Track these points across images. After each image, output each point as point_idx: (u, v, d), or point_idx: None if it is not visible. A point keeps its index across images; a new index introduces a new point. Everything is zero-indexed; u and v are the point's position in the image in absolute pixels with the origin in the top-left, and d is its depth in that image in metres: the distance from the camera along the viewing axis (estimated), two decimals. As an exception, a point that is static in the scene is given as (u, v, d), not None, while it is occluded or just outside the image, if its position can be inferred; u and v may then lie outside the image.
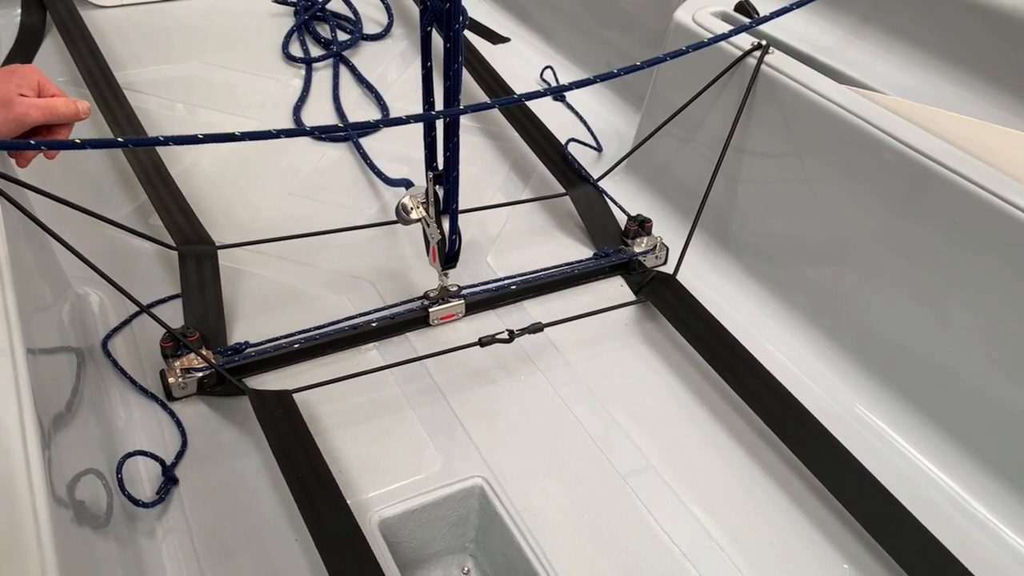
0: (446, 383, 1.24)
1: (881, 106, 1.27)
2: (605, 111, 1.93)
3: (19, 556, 0.66)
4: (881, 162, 1.24)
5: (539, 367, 1.29)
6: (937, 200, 1.18)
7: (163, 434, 1.14)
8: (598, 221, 1.55)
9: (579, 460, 1.16)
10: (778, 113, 1.38)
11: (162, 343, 1.18)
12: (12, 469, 0.71)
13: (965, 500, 1.15)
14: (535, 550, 1.03)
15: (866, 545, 1.07)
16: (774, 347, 1.35)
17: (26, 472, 0.71)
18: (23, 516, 0.68)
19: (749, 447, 1.20)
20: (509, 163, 1.75)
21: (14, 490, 0.70)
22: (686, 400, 1.26)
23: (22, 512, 0.68)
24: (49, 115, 0.99)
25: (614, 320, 1.38)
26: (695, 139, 1.54)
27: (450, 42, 1.09)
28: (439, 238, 1.26)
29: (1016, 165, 1.12)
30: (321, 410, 1.18)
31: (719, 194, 1.47)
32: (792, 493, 1.14)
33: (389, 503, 1.07)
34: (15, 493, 0.70)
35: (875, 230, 1.28)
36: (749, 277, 1.47)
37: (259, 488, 1.09)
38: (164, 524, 1.03)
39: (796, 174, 1.38)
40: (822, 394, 1.27)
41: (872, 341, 1.29)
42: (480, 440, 1.16)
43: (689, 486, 1.14)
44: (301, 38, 2.07)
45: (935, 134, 1.20)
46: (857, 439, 1.18)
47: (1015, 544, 1.10)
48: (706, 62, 1.47)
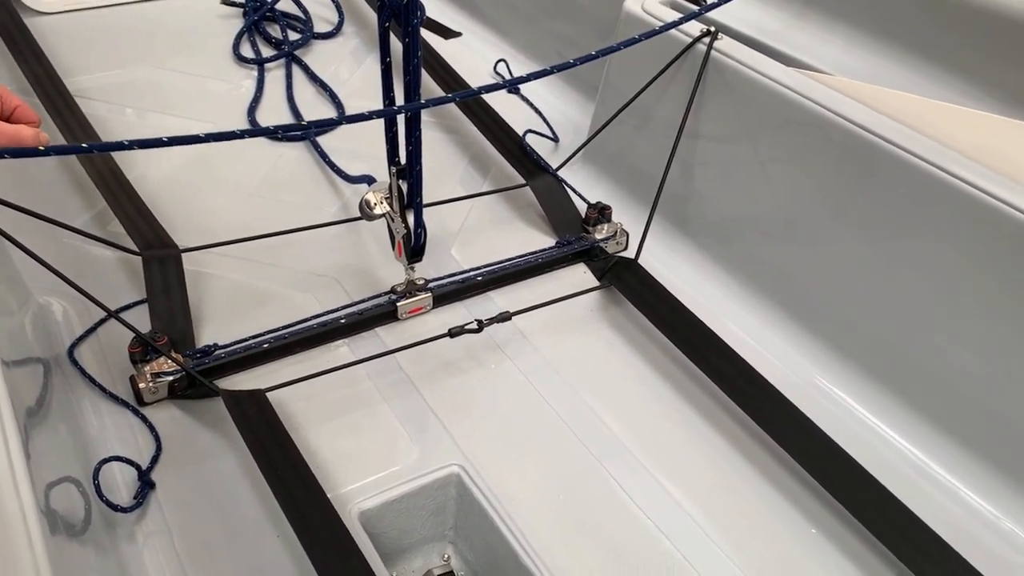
0: (418, 375, 1.26)
1: (827, 87, 1.31)
2: (560, 102, 1.95)
3: (14, 566, 0.66)
4: (829, 141, 1.28)
5: (508, 355, 1.31)
6: (884, 175, 1.23)
7: (136, 440, 1.13)
8: (559, 210, 1.58)
9: (552, 443, 1.19)
10: (729, 97, 1.42)
11: (130, 348, 1.18)
12: None
13: (922, 461, 1.20)
14: (514, 532, 1.06)
15: (831, 509, 1.12)
16: (735, 324, 1.39)
17: (12, 483, 0.71)
18: (15, 527, 0.68)
19: (715, 421, 1.23)
20: (468, 157, 1.76)
21: (3, 501, 0.70)
22: (652, 380, 1.29)
23: (14, 523, 0.68)
24: (12, 143, 0.96)
25: (579, 306, 1.41)
26: (650, 126, 1.58)
27: (409, 37, 1.10)
28: (404, 232, 1.27)
29: (955, 138, 1.17)
30: (295, 408, 1.18)
31: (676, 179, 1.50)
32: (758, 463, 1.18)
33: (368, 495, 1.09)
34: (4, 504, 0.70)
35: (827, 207, 1.32)
36: (708, 259, 1.51)
37: (236, 488, 1.09)
38: (144, 528, 1.03)
39: (749, 156, 1.42)
40: (782, 367, 1.32)
41: (828, 315, 1.34)
42: (454, 429, 1.18)
43: (659, 461, 1.17)
44: (252, 39, 2.06)
45: (879, 111, 1.25)
46: (818, 408, 1.22)
47: (968, 498, 1.16)
48: (657, 50, 1.50)
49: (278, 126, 0.96)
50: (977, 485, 1.15)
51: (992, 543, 1.11)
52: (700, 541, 1.08)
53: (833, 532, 1.10)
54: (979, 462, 1.16)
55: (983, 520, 1.13)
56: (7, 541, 0.69)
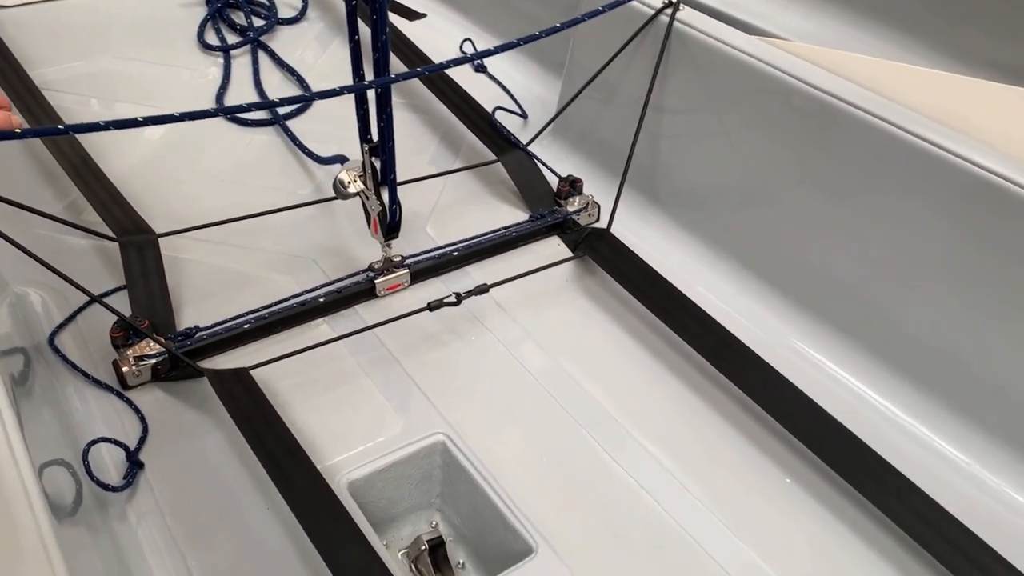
0: (399, 349, 1.28)
1: (788, 53, 1.34)
2: (527, 80, 1.97)
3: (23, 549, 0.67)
4: (791, 105, 1.32)
5: (487, 327, 1.33)
6: (844, 136, 1.26)
7: (123, 423, 1.14)
8: (531, 184, 1.60)
9: (533, 408, 1.21)
10: (692, 67, 1.45)
11: (112, 333, 1.18)
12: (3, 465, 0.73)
13: (887, 408, 1.25)
14: (500, 494, 1.08)
15: (804, 459, 1.16)
16: (705, 289, 1.42)
17: (14, 466, 0.73)
18: (21, 511, 0.69)
19: (690, 382, 1.27)
20: (439, 136, 1.78)
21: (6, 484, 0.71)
22: (628, 345, 1.33)
23: (19, 507, 0.70)
24: None
25: (554, 277, 1.44)
26: (616, 99, 1.60)
27: (376, 15, 1.12)
28: (379, 209, 1.28)
29: (908, 96, 1.21)
30: (279, 386, 1.20)
31: (644, 150, 1.53)
32: (733, 419, 1.22)
33: (355, 466, 1.11)
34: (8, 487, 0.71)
35: (791, 171, 1.36)
36: (678, 227, 1.54)
37: (224, 465, 1.10)
38: (135, 507, 1.04)
39: (714, 124, 1.45)
40: (752, 327, 1.35)
41: (796, 275, 1.38)
42: (437, 399, 1.21)
43: (637, 422, 1.20)
44: (216, 26, 2.05)
45: (839, 75, 1.28)
46: (788, 364, 1.26)
47: (932, 441, 1.21)
48: (620, 24, 1.53)
49: (251, 104, 0.98)
50: (939, 427, 1.21)
51: (954, 481, 1.16)
52: (680, 495, 1.11)
53: (806, 480, 1.14)
54: (941, 407, 1.22)
55: (947, 461, 1.19)
56: (14, 524, 0.70)
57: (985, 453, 1.17)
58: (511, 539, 1.06)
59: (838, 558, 1.07)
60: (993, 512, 1.12)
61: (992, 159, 1.12)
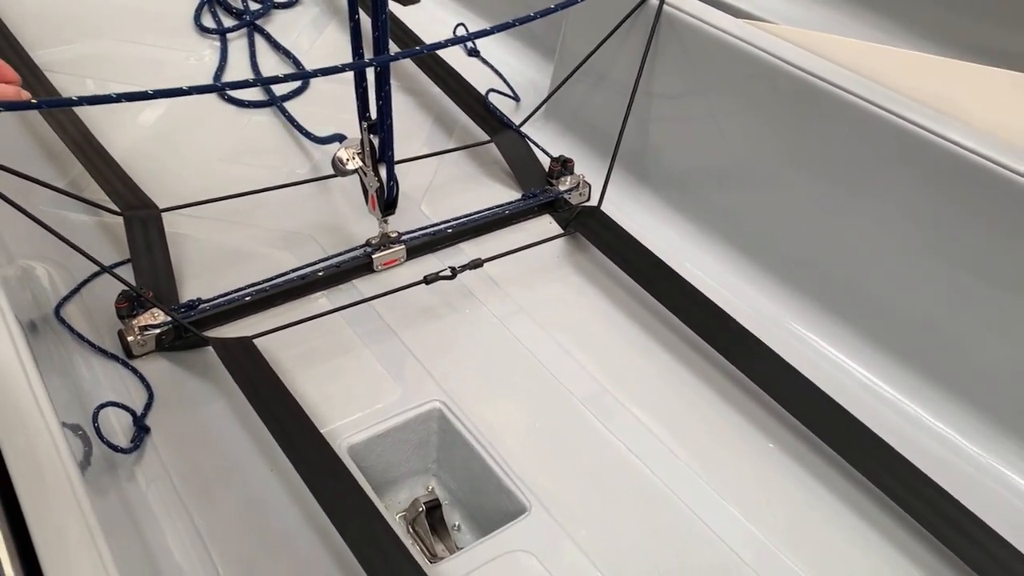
0: (396, 321, 1.32)
1: (775, 35, 1.38)
2: (520, 64, 2.00)
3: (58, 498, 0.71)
4: (777, 87, 1.36)
5: (481, 301, 1.38)
6: (831, 118, 1.31)
7: (129, 390, 1.18)
8: (523, 164, 1.64)
9: (527, 377, 1.26)
10: (681, 50, 1.49)
11: (117, 304, 1.22)
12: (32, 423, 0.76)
13: (872, 380, 1.30)
14: (495, 458, 1.13)
15: (786, 425, 1.21)
16: (693, 266, 1.46)
17: (45, 426, 0.76)
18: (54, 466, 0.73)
19: (677, 352, 1.32)
20: (432, 117, 1.81)
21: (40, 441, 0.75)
22: (617, 317, 1.37)
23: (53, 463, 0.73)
24: None
25: (547, 254, 1.48)
26: (607, 82, 1.64)
27: (376, -5, 1.15)
28: (377, 185, 1.32)
29: (892, 77, 1.26)
30: (280, 355, 1.24)
31: (634, 132, 1.57)
32: (718, 387, 1.26)
33: (354, 431, 1.15)
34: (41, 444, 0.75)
35: (777, 151, 1.40)
36: (667, 206, 1.59)
37: (227, 429, 1.14)
38: (142, 469, 1.08)
39: (702, 106, 1.49)
40: (739, 302, 1.40)
41: (781, 252, 1.43)
42: (433, 369, 1.25)
43: (626, 390, 1.25)
44: (212, 9, 2.07)
45: (824, 57, 1.33)
46: (773, 338, 1.30)
47: (916, 413, 1.26)
48: (611, 8, 1.56)
49: (256, 79, 1.01)
50: (917, 396, 1.26)
51: (928, 444, 1.21)
52: (666, 458, 1.16)
53: (787, 444, 1.19)
54: (918, 377, 1.27)
55: (922, 426, 1.24)
56: (48, 478, 0.73)
57: (959, 420, 1.22)
58: (506, 500, 1.11)
59: (816, 516, 1.12)
60: (964, 473, 1.17)
61: (973, 139, 1.16)
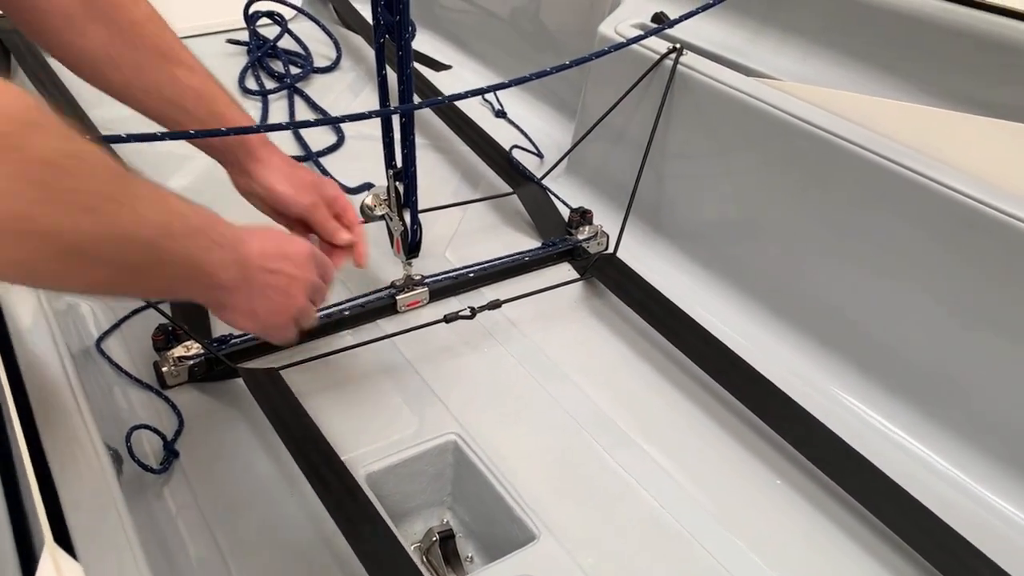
0: (416, 358, 1.37)
1: (783, 92, 1.45)
2: (544, 124, 2.10)
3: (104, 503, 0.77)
4: (787, 141, 1.42)
5: (500, 341, 1.43)
6: (839, 170, 1.36)
7: (161, 418, 1.24)
8: (544, 215, 1.71)
9: (541, 413, 1.30)
10: (695, 107, 1.56)
11: (153, 337, 1.29)
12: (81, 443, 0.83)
13: (880, 421, 1.32)
14: (506, 487, 1.16)
15: (795, 462, 1.23)
16: (706, 311, 1.50)
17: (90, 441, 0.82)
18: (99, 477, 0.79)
19: (688, 392, 1.35)
20: (460, 173, 1.90)
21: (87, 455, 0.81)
22: (631, 357, 1.41)
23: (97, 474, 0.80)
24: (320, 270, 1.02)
25: (564, 298, 1.53)
26: (625, 138, 1.72)
27: (402, 50, 1.24)
28: (402, 229, 1.39)
29: (896, 129, 1.31)
30: (304, 387, 1.29)
31: (650, 185, 1.64)
32: (728, 426, 1.29)
33: (373, 460, 1.19)
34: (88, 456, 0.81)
35: (789, 203, 1.45)
36: (683, 257, 1.64)
37: (252, 456, 1.19)
38: (170, 490, 1.13)
39: (716, 159, 1.56)
40: (751, 347, 1.43)
41: (795, 301, 1.46)
42: (451, 403, 1.29)
43: (637, 426, 1.28)
44: (256, 74, 2.21)
45: (832, 112, 1.38)
46: (782, 380, 1.32)
47: (919, 451, 1.28)
48: (629, 69, 1.65)
49: (288, 123, 1.10)
50: (921, 435, 1.28)
51: (931, 481, 1.23)
52: (675, 492, 1.18)
53: (796, 481, 1.21)
54: (924, 417, 1.29)
55: (925, 464, 1.26)
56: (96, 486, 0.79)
57: (962, 458, 1.23)
58: (516, 529, 1.13)
59: (822, 549, 1.13)
60: (975, 514, 1.18)
61: (972, 187, 1.20)
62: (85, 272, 0.66)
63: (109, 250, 0.66)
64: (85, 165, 0.62)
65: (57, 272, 0.64)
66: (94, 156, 0.64)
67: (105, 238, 0.65)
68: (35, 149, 0.57)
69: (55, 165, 0.59)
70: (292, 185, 1.08)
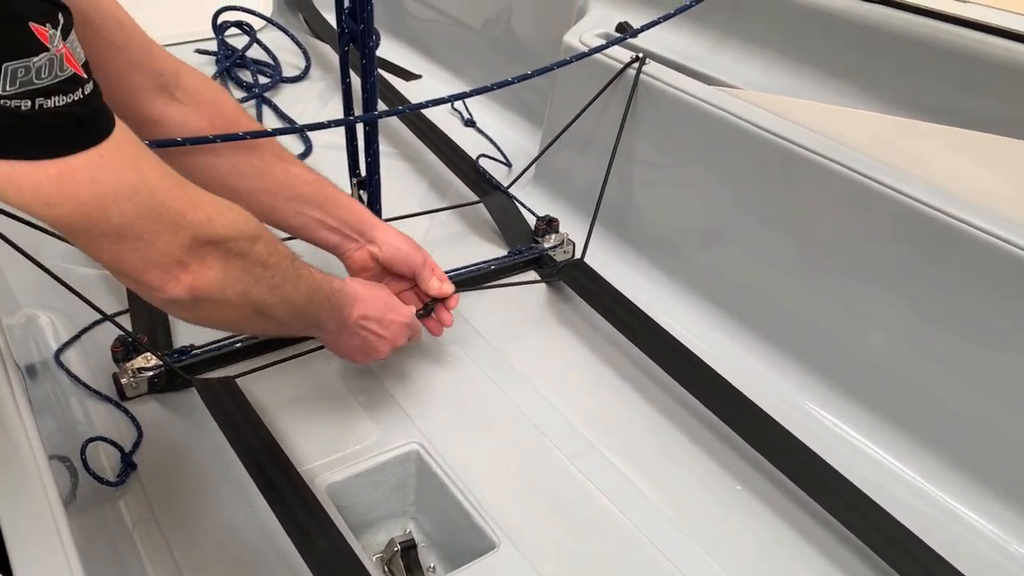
0: (378, 365, 1.36)
1: (742, 100, 1.46)
2: (513, 133, 2.10)
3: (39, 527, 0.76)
4: (749, 149, 1.43)
5: (464, 349, 1.43)
6: (800, 178, 1.37)
7: (120, 430, 1.23)
8: (510, 224, 1.71)
9: (504, 422, 1.30)
10: (658, 115, 1.57)
11: (113, 348, 1.28)
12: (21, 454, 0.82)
13: (842, 428, 1.33)
14: (467, 496, 1.16)
15: (757, 467, 1.23)
16: (671, 319, 1.50)
17: (32, 455, 0.81)
18: (38, 494, 0.78)
19: (651, 397, 1.35)
20: (427, 181, 1.90)
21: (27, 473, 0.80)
22: (596, 365, 1.42)
23: (36, 490, 0.79)
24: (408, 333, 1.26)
25: (530, 306, 1.54)
26: (590, 147, 1.73)
27: (365, 58, 1.24)
28: (365, 238, 1.39)
29: (851, 136, 1.33)
30: (263, 396, 1.28)
31: (615, 193, 1.65)
32: (689, 431, 1.30)
33: (334, 469, 1.19)
34: (28, 474, 0.80)
35: (752, 212, 1.46)
36: (648, 264, 1.64)
37: (211, 468, 1.18)
38: (126, 503, 1.12)
39: (679, 168, 1.57)
40: (715, 353, 1.43)
41: (757, 307, 1.47)
42: (413, 412, 1.29)
43: (600, 434, 1.28)
44: (224, 83, 2.20)
45: (793, 121, 1.40)
46: (746, 387, 1.33)
47: (880, 457, 1.29)
48: (594, 78, 1.66)
49: (248, 132, 1.09)
50: (882, 441, 1.29)
51: (889, 484, 1.24)
52: (635, 499, 1.18)
53: (757, 486, 1.22)
54: (884, 422, 1.30)
55: (885, 469, 1.27)
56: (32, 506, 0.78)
57: (922, 462, 1.24)
58: (476, 537, 1.13)
59: (781, 554, 1.14)
60: (926, 513, 1.20)
61: (928, 193, 1.22)
62: (260, 323, 1.01)
63: (279, 311, 0.99)
64: (278, 259, 0.94)
65: (244, 324, 1.04)
66: (280, 251, 0.95)
67: (279, 303, 0.97)
68: (256, 255, 0.90)
69: (265, 263, 0.92)
70: (408, 244, 1.28)
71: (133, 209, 0.75)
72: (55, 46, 0.67)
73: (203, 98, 1.12)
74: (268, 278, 0.93)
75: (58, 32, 0.68)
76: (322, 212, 1.22)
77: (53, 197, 0.70)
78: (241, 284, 0.89)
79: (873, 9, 1.46)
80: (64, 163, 0.70)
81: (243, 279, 0.89)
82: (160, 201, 0.78)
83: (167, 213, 0.79)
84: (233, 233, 0.86)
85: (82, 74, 0.70)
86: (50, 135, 0.69)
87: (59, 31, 0.68)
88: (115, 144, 0.74)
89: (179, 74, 1.09)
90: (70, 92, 0.69)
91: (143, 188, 0.76)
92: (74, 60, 0.69)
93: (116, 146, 0.74)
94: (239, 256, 0.88)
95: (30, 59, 0.65)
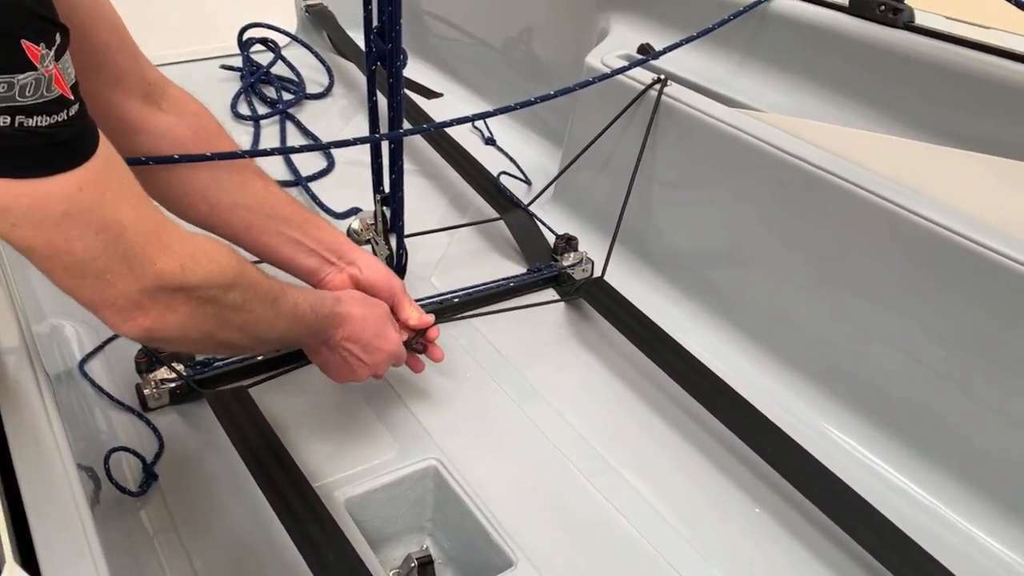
0: (397, 381, 1.37)
1: (766, 123, 1.47)
2: (533, 152, 2.12)
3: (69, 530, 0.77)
4: (770, 171, 1.43)
5: (482, 365, 1.43)
6: (821, 201, 1.37)
7: (141, 441, 1.24)
8: (530, 241, 1.72)
9: (522, 439, 1.30)
10: (679, 136, 1.58)
11: (136, 359, 1.29)
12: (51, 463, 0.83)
13: (863, 453, 1.32)
14: (485, 513, 1.16)
15: (774, 490, 1.23)
16: (690, 339, 1.50)
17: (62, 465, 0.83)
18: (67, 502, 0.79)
19: (670, 419, 1.36)
20: (448, 198, 1.92)
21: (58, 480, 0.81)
22: (614, 385, 1.42)
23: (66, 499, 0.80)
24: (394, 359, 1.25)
25: (548, 324, 1.54)
26: (611, 167, 1.74)
27: (392, 78, 1.26)
28: (388, 253, 1.40)
29: (881, 163, 1.33)
30: (280, 409, 1.29)
31: (635, 213, 1.65)
32: (708, 453, 1.30)
33: (353, 483, 1.19)
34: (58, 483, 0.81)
35: (772, 234, 1.47)
36: (668, 285, 1.65)
37: (232, 480, 1.19)
38: (148, 512, 1.13)
39: (700, 189, 1.58)
40: (734, 375, 1.43)
41: (778, 329, 1.47)
42: (432, 428, 1.30)
43: (617, 453, 1.28)
44: (248, 99, 2.23)
45: (814, 144, 1.40)
46: (766, 409, 1.33)
47: (898, 481, 1.28)
48: (615, 99, 1.67)
49: (276, 148, 1.11)
50: (903, 466, 1.29)
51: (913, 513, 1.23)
52: (654, 519, 1.18)
53: (776, 509, 1.21)
54: (903, 447, 1.30)
55: (905, 494, 1.27)
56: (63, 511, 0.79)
57: (946, 490, 1.24)
58: (493, 554, 1.13)
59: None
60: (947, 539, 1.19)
61: (949, 218, 1.22)
62: (224, 352, 1.22)
63: (246, 344, 1.01)
64: (255, 303, 0.93)
65: (206, 352, 1.26)
66: (260, 293, 0.95)
67: (246, 339, 0.97)
68: (229, 301, 0.89)
69: (238, 308, 0.91)
70: (386, 267, 1.28)
71: (99, 247, 0.73)
72: (44, 66, 0.65)
73: (187, 109, 1.12)
74: (239, 322, 0.92)
75: (51, 52, 0.66)
76: (300, 232, 1.18)
77: (19, 220, 0.69)
78: (208, 326, 0.88)
79: (896, 34, 1.47)
80: (38, 185, 0.68)
81: (209, 323, 0.88)
82: (129, 243, 0.75)
83: (135, 257, 0.76)
84: (205, 283, 0.84)
85: (69, 96, 0.68)
86: (27, 155, 0.67)
87: (52, 51, 0.66)
88: (94, 172, 0.72)
89: (164, 84, 1.08)
90: (54, 113, 0.67)
91: (114, 226, 0.73)
92: (63, 81, 0.67)
93: (94, 176, 0.72)
94: (209, 302, 0.86)
95: (14, 76, 0.64)
